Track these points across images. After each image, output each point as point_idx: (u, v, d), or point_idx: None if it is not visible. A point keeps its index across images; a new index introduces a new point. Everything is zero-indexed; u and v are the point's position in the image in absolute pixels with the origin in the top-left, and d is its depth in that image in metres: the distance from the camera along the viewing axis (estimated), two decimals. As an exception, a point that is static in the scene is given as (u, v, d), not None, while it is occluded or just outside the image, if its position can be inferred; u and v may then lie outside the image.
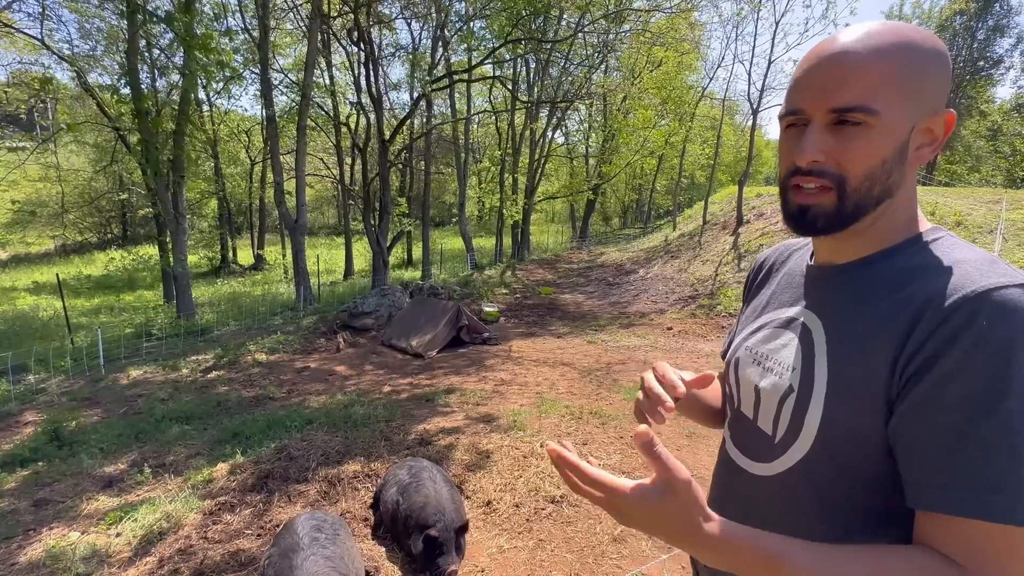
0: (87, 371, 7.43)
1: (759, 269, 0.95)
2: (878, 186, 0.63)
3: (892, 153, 0.62)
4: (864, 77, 0.60)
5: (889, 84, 0.60)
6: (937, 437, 0.55)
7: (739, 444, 0.81)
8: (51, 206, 24.28)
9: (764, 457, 0.74)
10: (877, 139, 0.61)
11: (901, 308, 0.60)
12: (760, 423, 0.76)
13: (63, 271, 20.89)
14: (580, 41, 17.94)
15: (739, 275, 10.94)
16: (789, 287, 0.81)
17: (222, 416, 5.37)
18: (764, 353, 0.78)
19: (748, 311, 0.91)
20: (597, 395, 5.45)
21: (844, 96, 0.61)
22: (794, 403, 0.69)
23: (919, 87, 0.61)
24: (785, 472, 0.70)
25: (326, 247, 27.43)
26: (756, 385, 0.77)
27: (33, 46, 13.33)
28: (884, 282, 0.65)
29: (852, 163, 0.62)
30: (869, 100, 0.60)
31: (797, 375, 0.70)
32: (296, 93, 15.28)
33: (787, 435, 0.70)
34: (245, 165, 23.31)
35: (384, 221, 13.50)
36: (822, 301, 0.73)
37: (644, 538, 2.82)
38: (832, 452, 0.64)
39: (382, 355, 7.97)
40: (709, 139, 22.95)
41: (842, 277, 0.71)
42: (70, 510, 3.54)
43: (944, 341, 0.55)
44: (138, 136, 9.37)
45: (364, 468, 3.71)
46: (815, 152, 0.63)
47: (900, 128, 0.61)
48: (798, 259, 0.84)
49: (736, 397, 0.83)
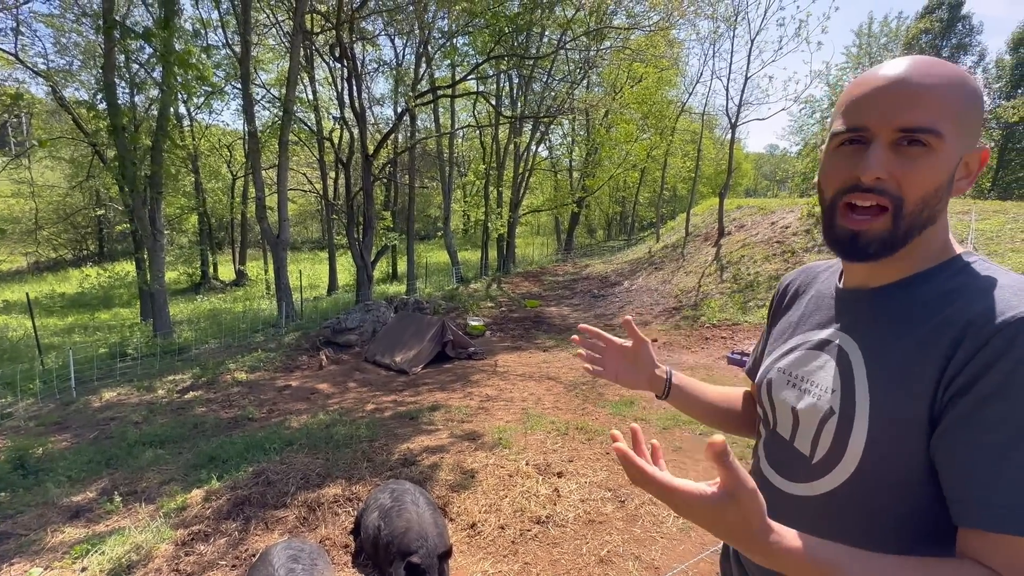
0: (57, 394, 7.17)
1: (784, 292, 0.96)
2: (928, 211, 0.65)
3: (945, 180, 0.65)
4: (934, 101, 0.62)
5: (953, 112, 0.63)
6: (979, 456, 0.56)
7: (774, 464, 0.82)
8: (24, 222, 23.66)
9: (801, 477, 0.75)
10: (937, 164, 0.63)
11: (942, 331, 0.62)
12: (797, 444, 0.76)
13: (35, 289, 20.29)
14: (562, 57, 18.24)
15: (722, 286, 11.06)
16: (819, 309, 0.83)
17: (198, 439, 5.21)
18: (800, 375, 0.79)
19: (776, 333, 0.92)
20: (583, 410, 5.41)
21: (915, 117, 0.62)
22: (836, 425, 0.70)
23: (970, 120, 0.64)
24: (828, 494, 0.71)
25: (310, 262, 27.12)
26: (793, 407, 0.78)
27: (7, 61, 13.06)
28: (923, 305, 0.66)
29: (912, 185, 0.64)
30: (937, 123, 0.62)
31: (837, 397, 0.70)
32: (278, 108, 15.20)
33: (828, 457, 0.71)
34: (226, 180, 23.03)
35: (368, 235, 13.41)
36: (858, 323, 0.74)
37: (631, 559, 2.78)
38: (877, 473, 0.66)
39: (366, 372, 7.85)
40: (690, 152, 23.37)
41: (878, 300, 0.72)
42: (33, 543, 3.37)
43: (985, 364, 0.57)
44: (115, 152, 9.20)
45: (345, 491, 3.61)
46: (881, 168, 0.64)
47: (954, 156, 0.64)
48: (825, 281, 0.86)
49: (772, 418, 0.84)
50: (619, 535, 3.00)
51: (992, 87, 27.18)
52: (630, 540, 2.96)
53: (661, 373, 1.05)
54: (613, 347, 1.06)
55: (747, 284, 10.50)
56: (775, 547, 0.56)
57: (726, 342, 8.48)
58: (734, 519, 0.55)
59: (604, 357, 1.07)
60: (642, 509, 3.27)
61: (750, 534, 0.56)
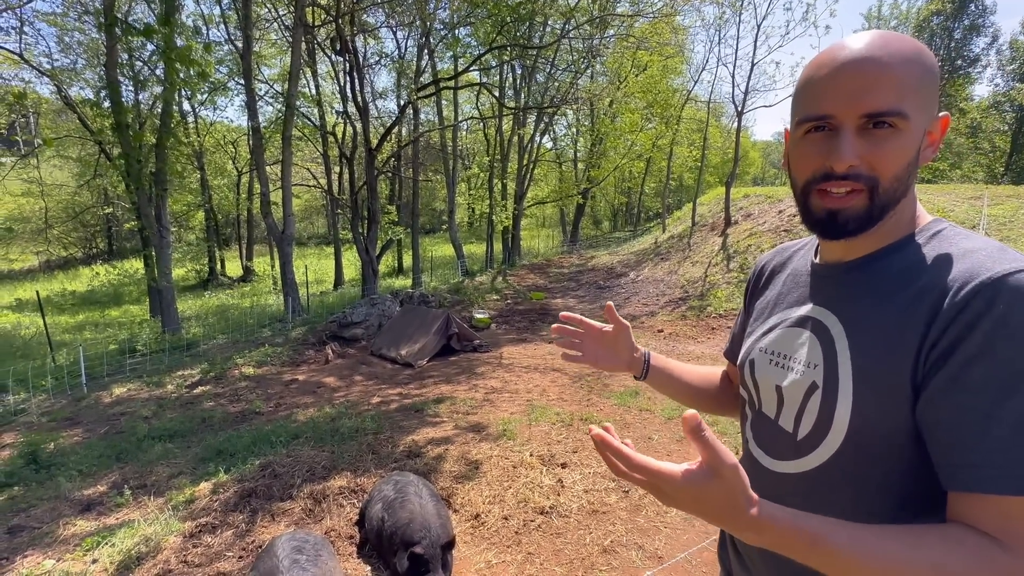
0: (69, 390, 7.27)
1: (760, 273, 0.96)
2: (902, 186, 0.66)
3: (913, 155, 0.66)
4: (895, 82, 0.63)
5: (913, 89, 0.63)
6: (964, 419, 0.56)
7: (762, 444, 0.82)
8: (34, 221, 23.94)
9: (787, 455, 0.75)
10: (905, 142, 0.64)
11: (920, 297, 0.62)
12: (781, 422, 0.76)
13: (47, 287, 20.57)
14: (565, 46, 18.05)
15: (728, 276, 10.98)
16: (796, 287, 0.83)
17: (207, 433, 5.26)
18: (782, 353, 0.79)
19: (755, 314, 0.92)
20: (588, 401, 5.41)
21: (878, 101, 0.63)
22: (820, 399, 0.69)
23: (929, 93, 0.65)
24: (815, 469, 0.71)
25: (316, 256, 27.25)
26: (778, 385, 0.78)
27: (13, 60, 13.14)
28: (899, 274, 0.67)
29: (885, 166, 0.65)
30: (900, 104, 0.63)
31: (820, 372, 0.70)
32: (281, 104, 15.19)
33: (814, 432, 0.70)
34: (232, 176, 23.12)
35: (372, 230, 13.42)
36: (835, 298, 0.74)
37: (634, 548, 2.78)
38: (864, 444, 0.65)
39: (372, 365, 7.88)
40: (696, 141, 23.12)
41: (854, 273, 0.72)
42: (46, 536, 3.43)
43: (965, 326, 0.57)
44: (119, 150, 9.25)
45: (350, 483, 3.63)
46: (852, 156, 0.65)
47: (920, 130, 0.65)
48: (800, 259, 0.86)
49: (756, 399, 0.84)
50: (622, 525, 3.00)
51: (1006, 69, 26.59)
52: (633, 530, 2.96)
53: (639, 356, 1.06)
54: (593, 331, 1.07)
55: (754, 273, 10.40)
56: (763, 522, 0.56)
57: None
58: (719, 496, 0.55)
59: (584, 342, 1.08)
60: (646, 499, 3.27)
61: (737, 510, 0.55)
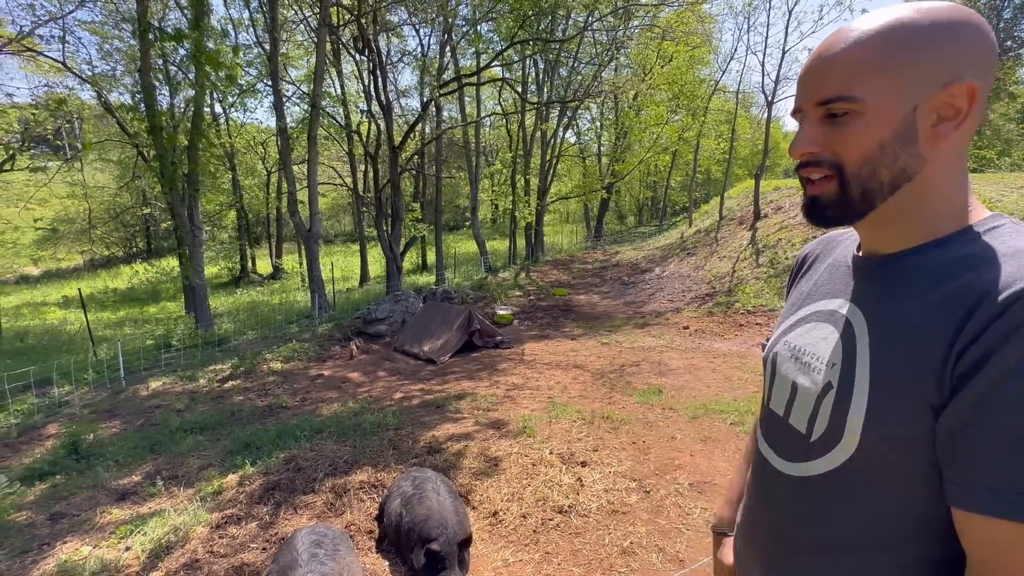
0: (108, 383, 7.59)
1: (802, 262, 0.92)
2: (884, 170, 0.62)
3: (890, 136, 0.61)
4: (842, 67, 0.61)
5: (868, 69, 0.60)
6: (990, 439, 0.52)
7: (772, 443, 0.78)
8: (79, 222, 25.14)
9: (798, 457, 0.71)
10: (867, 124, 0.61)
11: (952, 300, 0.57)
12: (792, 421, 0.73)
13: (90, 285, 21.56)
14: (588, 39, 17.80)
15: (757, 271, 10.66)
16: (833, 279, 0.78)
17: (235, 426, 5.41)
18: (802, 347, 0.75)
19: (788, 304, 0.88)
20: (609, 398, 5.33)
21: (826, 89, 0.63)
22: (833, 401, 0.65)
23: (913, 64, 0.59)
24: (827, 474, 0.67)
25: (342, 254, 27.75)
26: (794, 381, 0.74)
27: (57, 68, 13.75)
28: (933, 272, 0.61)
29: (845, 150, 0.63)
30: (847, 88, 0.61)
31: (836, 371, 0.66)
32: (307, 104, 15.48)
33: (827, 435, 0.66)
34: (262, 176, 23.74)
35: (396, 227, 13.56)
36: (864, 292, 0.69)
37: (654, 551, 2.71)
38: (879, 453, 0.61)
39: (395, 361, 7.97)
40: (724, 133, 22.51)
41: (887, 267, 0.67)
42: (84, 523, 3.58)
43: (1000, 338, 0.51)
44: (154, 152, 9.59)
45: (371, 478, 3.67)
46: (806, 145, 0.65)
47: (892, 110, 0.60)
48: (844, 249, 0.80)
49: (768, 393, 0.81)
50: (643, 526, 2.94)
51: (1063, 48, 24.95)
52: (654, 531, 2.89)
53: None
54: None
55: (784, 268, 10.07)
56: None
57: (761, 329, 8.18)
58: None
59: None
60: (668, 500, 3.19)
61: None
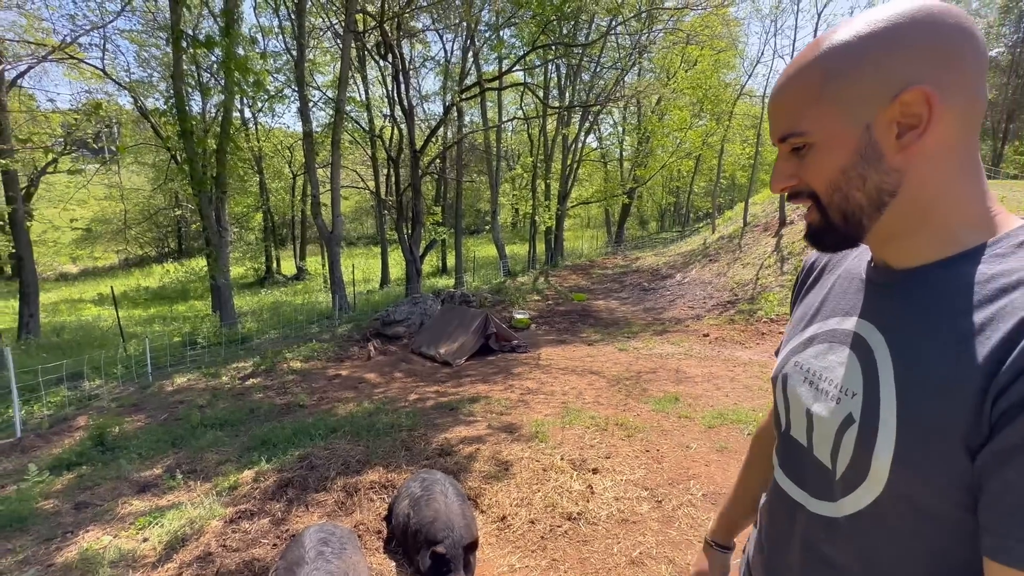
0: (136, 378, 7.84)
1: (808, 271, 0.86)
2: (856, 192, 0.60)
3: (851, 159, 0.59)
4: (786, 103, 0.62)
5: (806, 101, 0.60)
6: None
7: (792, 474, 0.73)
8: (115, 223, 26.17)
9: (826, 495, 0.65)
10: (823, 153, 0.61)
11: (992, 325, 0.51)
12: (817, 453, 0.67)
13: (124, 283, 22.35)
14: (611, 43, 17.74)
15: (781, 278, 10.41)
16: (846, 293, 0.72)
17: (253, 423, 5.52)
18: (816, 371, 0.69)
19: (795, 319, 0.82)
20: (624, 405, 5.26)
21: (777, 129, 0.64)
22: (856, 437, 0.59)
23: (848, 87, 0.57)
24: (854, 515, 0.61)
25: (364, 256, 28.17)
26: (808, 408, 0.68)
27: (98, 75, 14.36)
28: (965, 293, 0.55)
29: (813, 180, 0.63)
30: (795, 125, 0.61)
31: (858, 403, 0.60)
32: (332, 108, 15.80)
33: (850, 473, 0.61)
34: (288, 179, 24.32)
35: (417, 230, 13.70)
36: (884, 313, 0.63)
37: (664, 562, 2.65)
38: (909, 495, 0.55)
39: (412, 363, 8.03)
40: (749, 138, 22.11)
41: (908, 285, 0.61)
42: (106, 513, 3.68)
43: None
44: (185, 155, 9.92)
45: (382, 478, 3.69)
46: (781, 180, 0.66)
47: (843, 134, 0.59)
48: (855, 260, 0.74)
49: (785, 419, 0.74)
50: (653, 536, 2.88)
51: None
52: (665, 542, 2.82)
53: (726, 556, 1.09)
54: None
55: (810, 276, 9.81)
56: None
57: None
58: None
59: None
60: (680, 511, 3.12)
61: None
